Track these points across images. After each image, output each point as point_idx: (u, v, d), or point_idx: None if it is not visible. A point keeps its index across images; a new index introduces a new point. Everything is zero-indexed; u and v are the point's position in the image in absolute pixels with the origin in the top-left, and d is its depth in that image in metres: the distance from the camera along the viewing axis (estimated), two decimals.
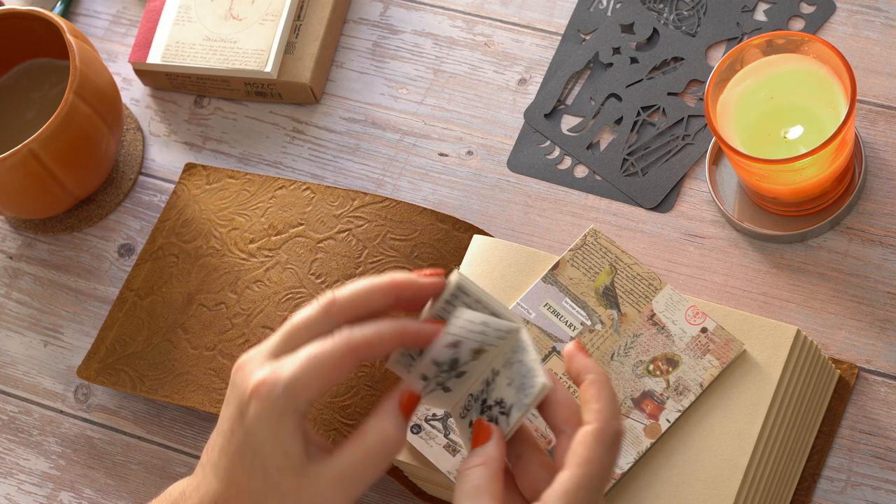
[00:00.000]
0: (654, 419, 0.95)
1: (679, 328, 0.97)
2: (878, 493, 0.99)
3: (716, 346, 0.96)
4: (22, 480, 1.14)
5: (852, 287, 1.05)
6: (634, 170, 1.13)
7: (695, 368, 0.96)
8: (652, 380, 0.96)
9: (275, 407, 0.85)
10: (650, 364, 0.96)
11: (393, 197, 1.14)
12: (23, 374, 1.18)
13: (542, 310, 0.98)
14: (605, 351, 0.97)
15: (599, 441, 0.84)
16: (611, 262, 0.99)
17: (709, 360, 0.96)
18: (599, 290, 0.99)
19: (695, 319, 0.97)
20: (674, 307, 0.97)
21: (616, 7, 1.18)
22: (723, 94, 1.04)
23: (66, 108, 1.12)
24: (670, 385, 0.95)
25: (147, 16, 1.25)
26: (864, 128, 1.10)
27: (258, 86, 1.21)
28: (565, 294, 0.99)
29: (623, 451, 0.93)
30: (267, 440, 0.85)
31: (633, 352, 0.97)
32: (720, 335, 0.96)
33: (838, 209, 1.07)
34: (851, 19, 1.14)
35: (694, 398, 0.95)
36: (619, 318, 0.98)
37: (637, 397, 0.95)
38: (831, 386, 1.02)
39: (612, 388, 0.86)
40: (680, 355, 0.96)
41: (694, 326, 0.96)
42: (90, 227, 1.22)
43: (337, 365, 0.85)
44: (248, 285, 1.11)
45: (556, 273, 1.00)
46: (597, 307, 0.98)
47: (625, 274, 0.99)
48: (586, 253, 1.00)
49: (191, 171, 1.20)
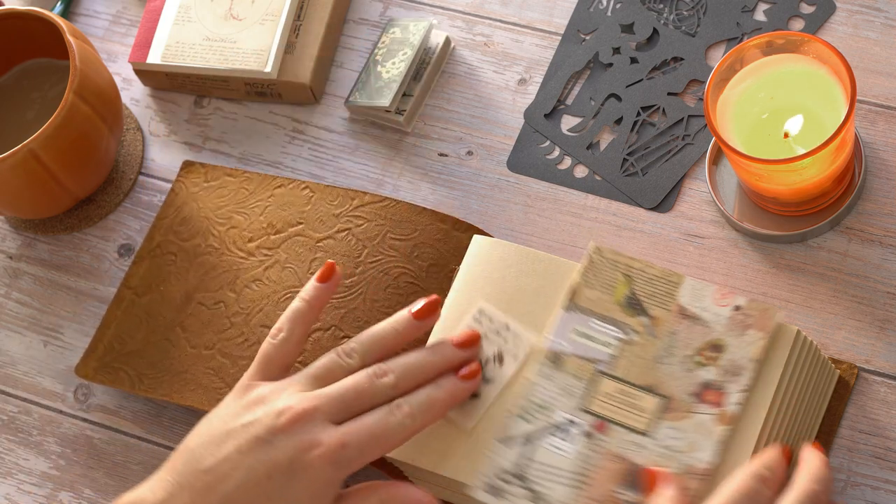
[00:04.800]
0: (719, 406, 0.93)
1: (712, 314, 0.96)
2: (877, 493, 0.99)
3: (754, 319, 0.95)
4: (22, 480, 1.14)
5: (852, 287, 1.05)
6: (634, 170, 1.13)
7: (741, 347, 0.94)
8: (704, 370, 0.95)
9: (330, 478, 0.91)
10: (696, 356, 0.95)
11: (393, 197, 1.14)
12: (23, 374, 1.18)
13: (574, 337, 0.97)
14: (649, 358, 0.96)
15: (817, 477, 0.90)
16: (623, 273, 0.98)
17: (752, 334, 0.95)
18: (622, 301, 0.98)
19: (724, 301, 0.95)
20: (699, 295, 0.96)
21: (616, 7, 1.18)
22: (723, 94, 1.04)
23: (66, 108, 1.12)
24: (723, 369, 0.94)
25: (147, 16, 1.25)
26: (864, 128, 1.10)
27: (258, 86, 1.21)
28: (590, 316, 0.98)
29: (703, 445, 0.92)
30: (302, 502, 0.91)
31: (676, 349, 0.96)
32: (754, 307, 0.95)
33: (838, 209, 1.07)
34: (851, 19, 1.13)
35: (751, 374, 0.94)
36: (651, 322, 0.97)
37: (696, 391, 0.94)
38: (831, 386, 1.02)
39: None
40: (723, 338, 0.95)
41: (725, 308, 0.95)
42: (90, 227, 1.22)
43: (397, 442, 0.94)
44: (247, 284, 1.11)
45: (574, 299, 0.99)
46: (625, 319, 0.97)
47: (641, 279, 0.98)
48: (596, 271, 0.99)
49: (189, 169, 1.20)
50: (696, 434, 0.93)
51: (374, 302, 1.07)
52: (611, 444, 0.94)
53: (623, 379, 0.96)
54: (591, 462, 0.94)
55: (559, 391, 0.96)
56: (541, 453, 0.94)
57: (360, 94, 1.18)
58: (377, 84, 1.18)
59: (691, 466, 0.92)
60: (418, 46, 1.18)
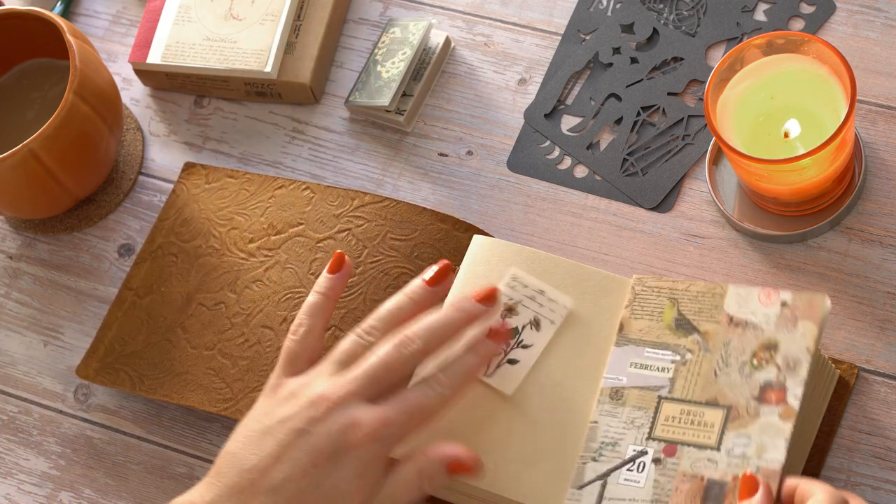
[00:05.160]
0: (783, 403, 0.93)
1: (761, 316, 0.95)
2: (878, 493, 0.99)
3: (802, 311, 0.94)
4: (22, 480, 1.14)
5: (852, 287, 1.05)
6: (634, 170, 1.13)
7: (794, 340, 0.94)
8: (762, 372, 0.94)
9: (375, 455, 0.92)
10: (753, 359, 0.95)
11: (393, 197, 1.14)
12: (23, 374, 1.18)
13: (631, 370, 0.97)
14: (707, 373, 0.95)
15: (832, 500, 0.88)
16: (668, 297, 0.98)
17: (802, 325, 0.94)
18: (672, 325, 0.98)
19: (769, 300, 0.95)
20: (745, 301, 0.96)
21: (616, 7, 1.18)
22: (723, 94, 1.04)
23: (66, 108, 1.12)
24: (781, 367, 0.94)
25: (147, 16, 1.25)
26: (864, 128, 1.10)
27: (258, 86, 1.21)
28: (643, 346, 0.98)
29: (773, 445, 0.92)
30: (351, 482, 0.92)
31: (731, 359, 0.95)
32: (800, 299, 0.94)
33: (838, 209, 1.07)
34: (851, 19, 1.13)
35: (808, 364, 0.93)
36: (703, 338, 0.96)
37: (758, 395, 0.94)
38: (831, 386, 1.02)
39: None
40: (775, 337, 0.94)
41: (772, 307, 0.95)
42: (90, 227, 1.22)
43: (437, 411, 0.95)
44: (248, 285, 1.11)
45: (625, 333, 0.99)
46: (678, 341, 0.97)
47: (686, 298, 0.98)
48: (641, 301, 0.99)
49: (190, 171, 1.20)
50: (763, 436, 0.92)
51: (374, 302, 1.07)
52: (682, 465, 0.94)
53: (684, 399, 0.96)
54: (666, 487, 0.93)
55: (625, 425, 0.96)
56: (616, 490, 0.95)
57: (360, 94, 1.18)
58: (377, 84, 1.18)
59: (765, 468, 0.91)
60: (418, 46, 1.18)
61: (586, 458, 0.96)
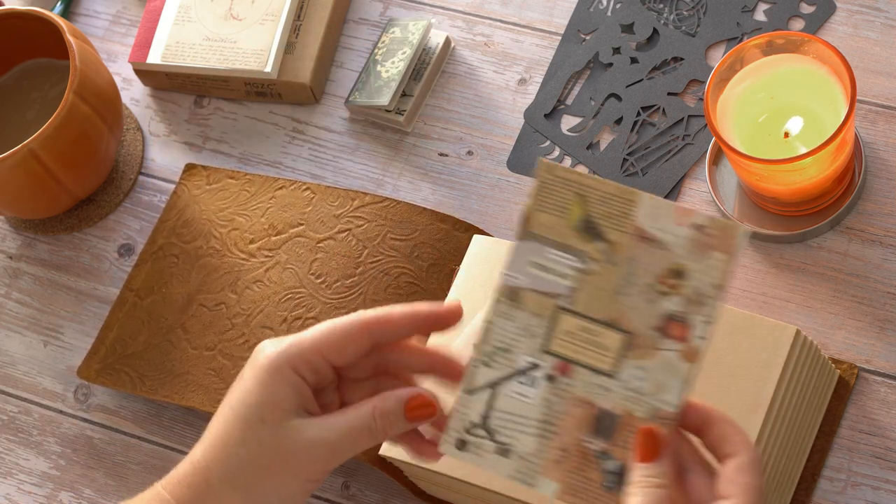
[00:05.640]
0: (685, 342, 0.87)
1: (671, 235, 0.88)
2: (878, 493, 0.99)
3: (716, 239, 0.87)
4: (22, 480, 1.14)
5: (852, 287, 1.05)
6: (634, 170, 1.13)
7: (704, 271, 0.87)
8: (666, 300, 0.88)
9: (272, 362, 0.86)
10: (657, 284, 0.88)
11: (393, 197, 1.14)
12: (23, 374, 1.18)
13: (531, 270, 0.90)
14: (610, 290, 0.89)
15: (756, 469, 0.84)
16: (576, 192, 0.90)
17: (714, 256, 0.87)
18: (578, 226, 0.90)
19: (683, 219, 0.88)
20: (657, 214, 0.88)
21: (616, 7, 1.18)
22: (723, 94, 1.04)
23: (66, 108, 1.12)
24: (687, 299, 0.88)
25: (147, 16, 1.25)
26: (864, 128, 1.10)
27: (258, 86, 1.21)
28: (546, 244, 0.90)
29: (668, 386, 0.86)
30: (255, 391, 0.86)
31: (636, 278, 0.89)
32: (716, 225, 0.87)
33: (838, 209, 1.07)
34: (851, 19, 1.13)
35: (715, 302, 0.87)
36: (610, 248, 0.89)
37: (660, 325, 0.88)
38: (831, 386, 1.02)
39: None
40: (683, 262, 0.88)
41: (685, 228, 0.88)
42: (90, 227, 1.22)
43: (346, 336, 0.87)
44: (248, 285, 1.11)
45: (529, 226, 0.90)
46: (583, 246, 0.89)
47: (595, 198, 0.90)
48: (548, 192, 0.90)
49: (191, 172, 1.20)
50: (662, 374, 0.87)
51: (374, 302, 1.07)
52: (575, 388, 0.88)
53: (584, 314, 0.89)
54: (556, 408, 0.88)
55: (520, 332, 0.90)
56: (505, 402, 0.89)
57: (360, 94, 1.18)
58: (377, 83, 1.18)
59: (658, 410, 0.87)
60: (417, 45, 1.18)
61: (477, 363, 0.89)
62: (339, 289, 1.08)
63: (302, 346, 0.87)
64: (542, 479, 0.87)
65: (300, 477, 0.86)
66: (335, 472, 1.09)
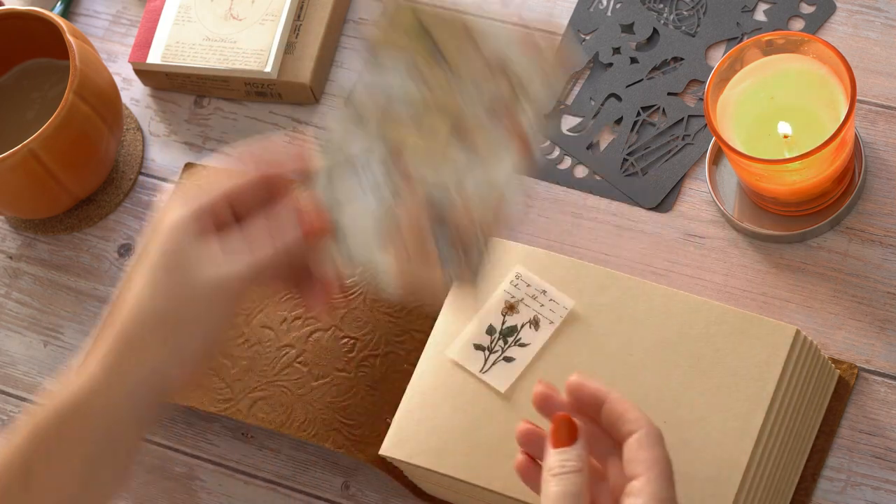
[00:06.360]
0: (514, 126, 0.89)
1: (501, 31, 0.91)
2: (878, 493, 0.99)
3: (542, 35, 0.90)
4: None
5: (852, 287, 1.05)
6: (634, 170, 1.13)
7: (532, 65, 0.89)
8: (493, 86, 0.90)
9: (178, 220, 0.89)
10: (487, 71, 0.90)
11: None
12: (23, 374, 1.18)
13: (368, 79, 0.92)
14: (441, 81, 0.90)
15: (656, 440, 0.86)
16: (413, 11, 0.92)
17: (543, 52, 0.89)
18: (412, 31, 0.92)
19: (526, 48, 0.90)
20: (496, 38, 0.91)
21: (616, 7, 1.18)
22: (723, 94, 1.04)
23: (66, 108, 1.12)
24: (514, 86, 0.90)
25: (147, 16, 1.25)
26: (864, 128, 1.10)
27: (258, 86, 1.21)
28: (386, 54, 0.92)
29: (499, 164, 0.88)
30: (164, 245, 0.89)
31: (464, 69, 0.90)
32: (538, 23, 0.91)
33: (838, 209, 1.07)
34: (851, 19, 1.13)
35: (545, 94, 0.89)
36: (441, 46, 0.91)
37: (488, 108, 0.90)
38: (831, 386, 1.02)
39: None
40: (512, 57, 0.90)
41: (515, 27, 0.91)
42: (90, 227, 1.22)
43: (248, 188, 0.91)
44: None
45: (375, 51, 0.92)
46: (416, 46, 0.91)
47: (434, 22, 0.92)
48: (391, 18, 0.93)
49: (191, 171, 1.20)
50: (492, 153, 0.89)
51: (374, 302, 1.07)
52: (408, 168, 0.90)
53: (415, 102, 0.91)
54: (390, 189, 0.90)
55: (353, 126, 0.92)
56: (342, 188, 0.91)
57: None
58: None
59: (492, 185, 0.89)
60: None
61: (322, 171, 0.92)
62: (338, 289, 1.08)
63: (204, 202, 0.91)
64: (380, 255, 0.90)
65: (211, 314, 0.89)
66: (335, 473, 1.09)
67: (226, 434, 1.12)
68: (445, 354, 1.01)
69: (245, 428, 1.12)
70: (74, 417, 0.87)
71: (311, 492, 1.09)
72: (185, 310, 0.89)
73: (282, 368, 1.07)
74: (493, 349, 1.00)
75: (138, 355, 0.87)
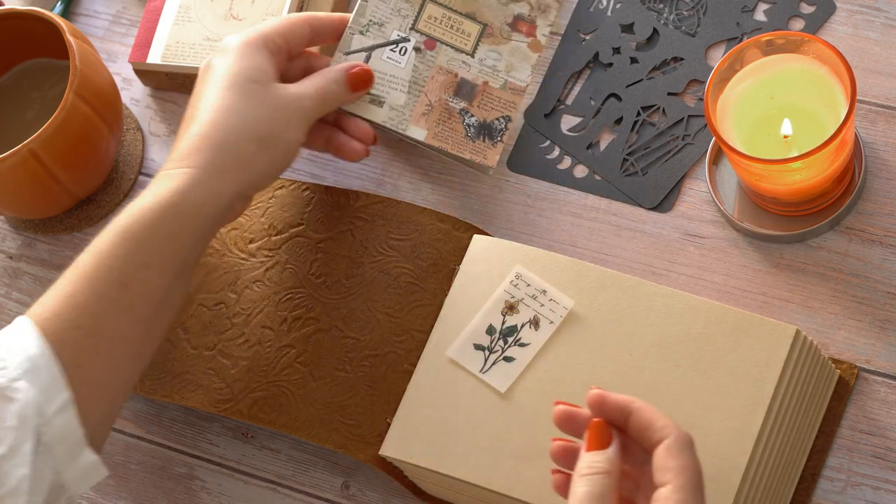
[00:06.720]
0: (532, 37, 1.10)
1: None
2: (878, 493, 0.99)
3: None
4: None
5: (852, 287, 1.05)
6: (634, 170, 1.13)
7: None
8: (517, 5, 1.11)
9: (248, 40, 1.04)
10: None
11: (393, 197, 1.14)
12: None
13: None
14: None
15: (684, 447, 0.86)
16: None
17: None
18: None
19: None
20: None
21: (616, 7, 1.18)
22: (723, 94, 1.04)
23: (66, 108, 1.12)
24: (532, 6, 1.11)
25: (147, 16, 1.25)
26: (864, 128, 1.10)
27: None
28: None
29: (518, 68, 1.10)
30: (239, 62, 1.03)
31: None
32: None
33: (838, 209, 1.07)
34: (851, 19, 1.13)
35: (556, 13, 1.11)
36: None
37: (511, 22, 1.10)
38: (831, 386, 1.02)
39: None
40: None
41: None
42: (90, 227, 1.22)
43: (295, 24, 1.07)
44: (248, 285, 1.11)
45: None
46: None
47: None
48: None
49: None
50: (512, 57, 1.10)
51: (374, 302, 1.07)
52: (440, 59, 1.10)
53: (447, 6, 1.10)
54: (424, 73, 1.09)
55: (392, 11, 1.10)
56: (378, 64, 1.09)
57: None
58: None
59: (511, 83, 1.10)
60: None
61: (354, 31, 1.10)
62: (339, 289, 1.08)
63: (265, 30, 1.05)
64: (413, 127, 1.10)
65: (292, 126, 1.02)
66: (335, 473, 1.09)
67: (226, 434, 1.12)
68: (445, 354, 1.01)
69: (245, 428, 1.12)
70: (172, 214, 0.97)
71: (311, 492, 1.09)
72: (278, 118, 1.01)
73: (282, 368, 1.07)
74: (493, 349, 1.00)
75: (237, 162, 0.98)
